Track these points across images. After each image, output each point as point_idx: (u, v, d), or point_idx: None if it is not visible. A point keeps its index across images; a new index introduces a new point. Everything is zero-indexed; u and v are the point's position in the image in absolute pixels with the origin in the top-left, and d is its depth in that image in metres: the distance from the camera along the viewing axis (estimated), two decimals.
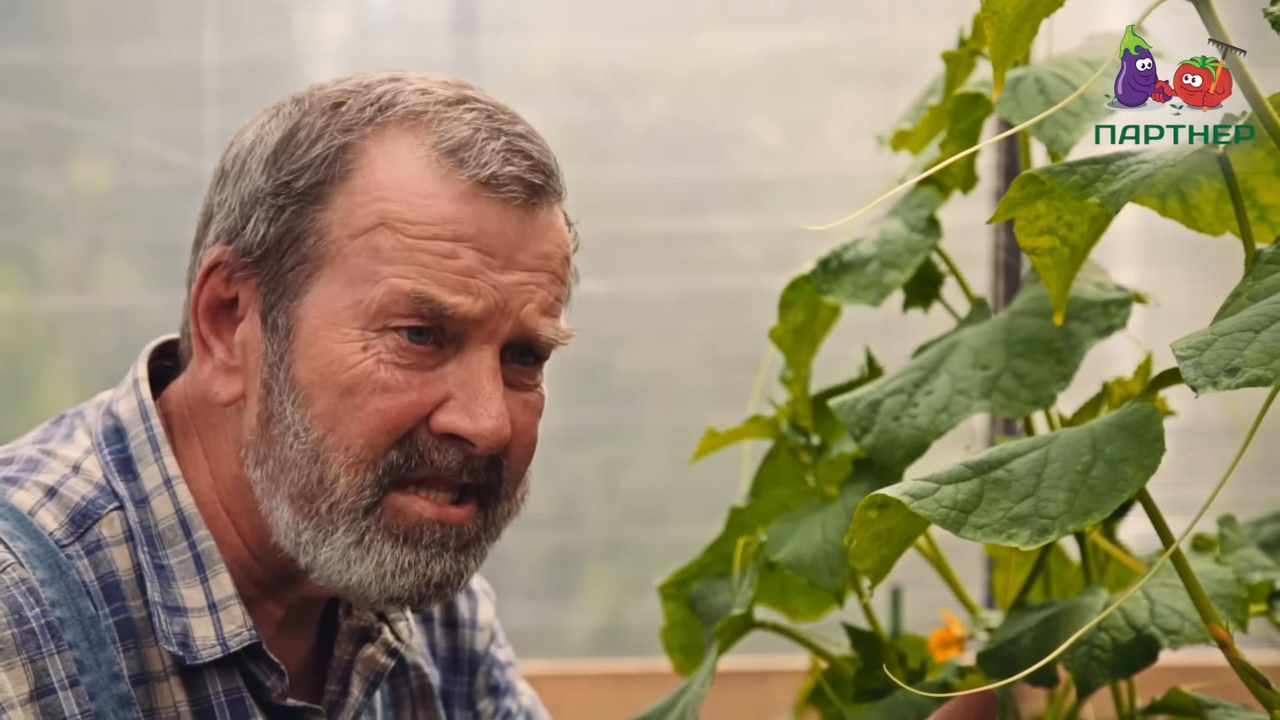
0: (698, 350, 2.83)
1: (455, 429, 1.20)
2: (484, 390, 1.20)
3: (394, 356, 1.19)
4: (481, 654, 1.47)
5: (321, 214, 1.21)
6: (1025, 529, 1.04)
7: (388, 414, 1.19)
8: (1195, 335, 0.99)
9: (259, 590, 1.27)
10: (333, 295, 1.20)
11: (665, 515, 2.76)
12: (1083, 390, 1.39)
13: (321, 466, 1.19)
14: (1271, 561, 1.39)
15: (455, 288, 1.19)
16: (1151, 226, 1.42)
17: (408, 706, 1.40)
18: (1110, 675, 1.23)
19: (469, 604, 1.48)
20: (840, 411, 1.36)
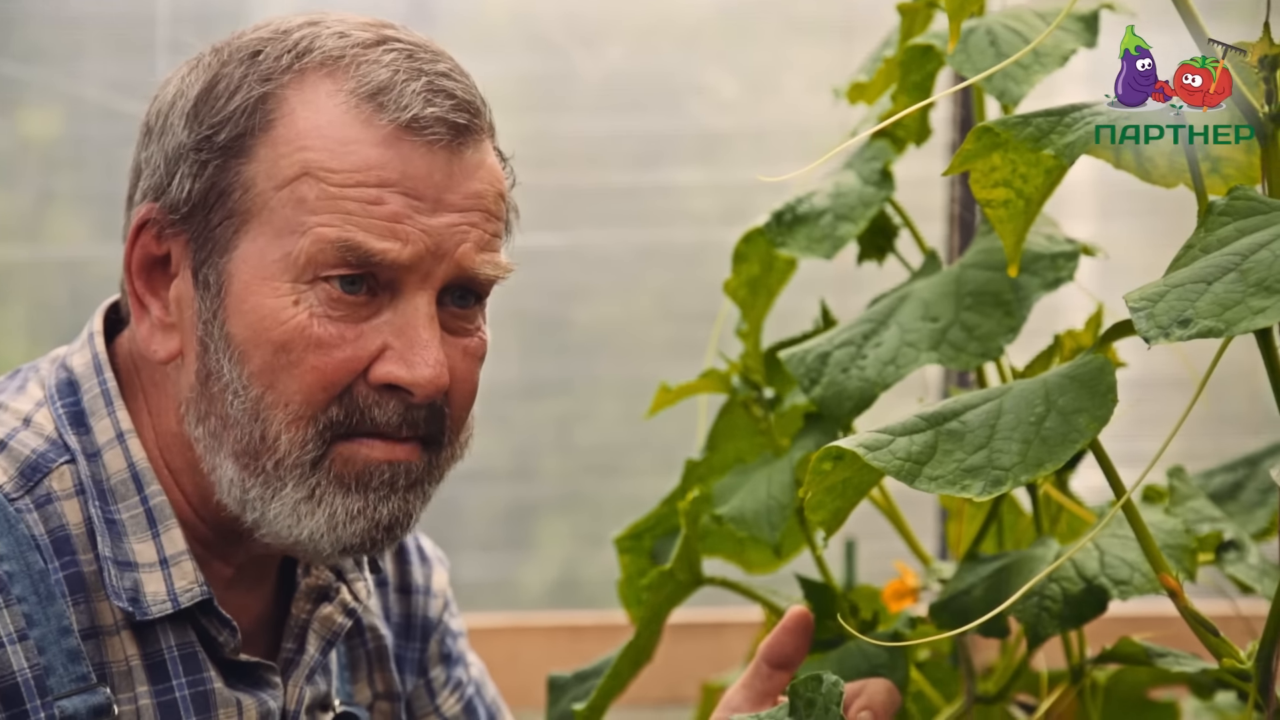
0: (654, 304, 2.83)
1: (393, 379, 1.19)
2: (420, 338, 1.19)
3: (326, 309, 1.18)
4: (435, 621, 1.47)
5: (245, 167, 1.20)
6: (979, 480, 1.04)
7: (324, 370, 1.18)
8: (1148, 287, 0.99)
9: (204, 548, 1.26)
10: (261, 249, 1.19)
11: (621, 468, 2.76)
12: (1036, 343, 1.40)
13: (263, 424, 1.19)
14: (1220, 513, 1.40)
15: (382, 234, 1.17)
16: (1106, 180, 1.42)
17: (364, 668, 1.40)
18: (1061, 626, 1.24)
19: (423, 570, 1.47)
20: (789, 363, 1.36)
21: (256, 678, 1.27)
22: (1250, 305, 0.93)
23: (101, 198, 2.69)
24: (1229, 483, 1.60)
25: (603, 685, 1.42)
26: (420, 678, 1.47)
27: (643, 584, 1.40)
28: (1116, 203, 2.67)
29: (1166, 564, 1.08)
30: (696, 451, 1.60)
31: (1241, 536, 1.38)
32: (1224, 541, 1.36)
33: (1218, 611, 1.59)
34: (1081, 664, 1.37)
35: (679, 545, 1.39)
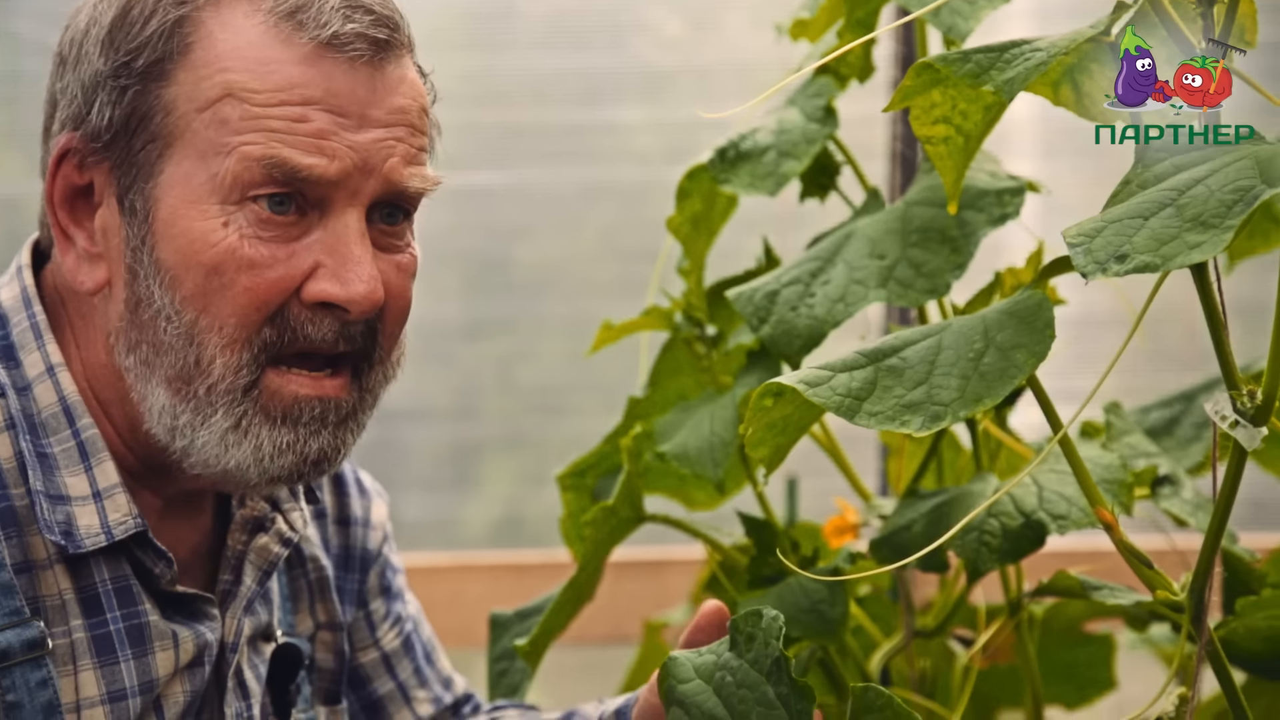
0: (598, 242, 2.82)
1: (327, 297, 1.18)
2: (353, 254, 1.19)
3: (256, 230, 1.17)
4: (374, 553, 1.47)
5: (165, 90, 1.19)
6: (918, 415, 1.04)
7: (257, 291, 1.18)
8: (1086, 222, 1.00)
9: (133, 479, 1.25)
10: (187, 172, 1.18)
11: (564, 407, 2.76)
12: (980, 282, 1.40)
13: (197, 349, 1.18)
14: (1156, 448, 1.42)
15: (308, 150, 1.17)
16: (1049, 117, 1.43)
17: (305, 598, 1.40)
18: (999, 560, 1.26)
19: (362, 503, 1.47)
20: (738, 302, 1.36)
21: (194, 610, 1.26)
22: (1186, 240, 0.94)
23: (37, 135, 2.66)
24: (1165, 418, 1.62)
25: (544, 622, 1.42)
26: (360, 610, 1.47)
27: (584, 521, 1.41)
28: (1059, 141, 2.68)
29: (1102, 498, 1.09)
30: (640, 389, 1.60)
31: (1176, 471, 1.39)
32: (1159, 476, 1.37)
33: (1153, 546, 1.61)
34: (1019, 598, 1.39)
35: (621, 482, 1.40)
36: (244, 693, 1.30)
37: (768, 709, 1.05)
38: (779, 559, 1.37)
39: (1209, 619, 1.10)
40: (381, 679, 1.49)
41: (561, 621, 1.46)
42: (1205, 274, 1.02)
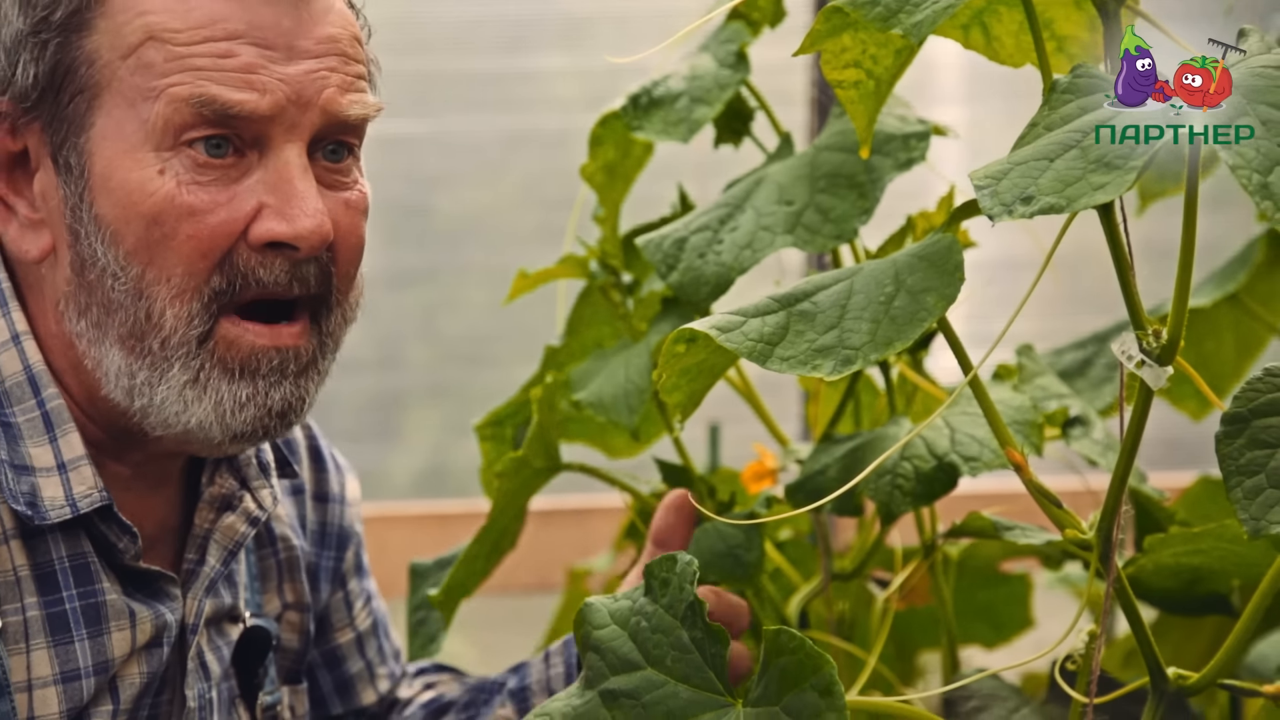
0: (519, 191, 2.81)
1: (273, 235, 1.15)
2: (296, 190, 1.16)
3: (194, 175, 1.15)
4: (350, 530, 1.45)
5: (87, 40, 1.16)
6: (829, 360, 1.05)
7: (200, 238, 1.15)
8: (992, 165, 1.00)
9: (97, 450, 1.22)
10: (118, 122, 1.16)
11: (487, 357, 2.76)
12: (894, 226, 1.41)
13: (147, 302, 1.15)
14: (1068, 389, 1.43)
15: (238, 85, 1.14)
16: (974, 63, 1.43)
17: (274, 578, 1.37)
18: (913, 502, 1.26)
19: (339, 478, 1.45)
20: (647, 249, 1.36)
21: (155, 588, 1.24)
22: (1091, 181, 0.94)
23: None
24: (1078, 360, 1.63)
25: (455, 572, 1.42)
26: (340, 589, 1.46)
27: (495, 471, 1.40)
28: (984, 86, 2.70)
29: (1012, 439, 1.10)
30: (558, 338, 1.60)
31: (1087, 412, 1.40)
32: (1070, 417, 1.39)
33: (1067, 486, 1.63)
34: (933, 540, 1.40)
35: (532, 431, 1.39)
36: (205, 674, 1.28)
37: (682, 653, 1.05)
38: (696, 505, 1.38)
39: (1119, 557, 1.11)
40: (354, 658, 1.48)
41: (478, 570, 1.46)
42: (1111, 215, 1.02)
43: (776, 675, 1.00)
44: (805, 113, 2.31)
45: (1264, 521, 0.95)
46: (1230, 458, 0.98)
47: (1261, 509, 0.96)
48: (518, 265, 1.56)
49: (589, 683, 1.07)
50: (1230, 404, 0.99)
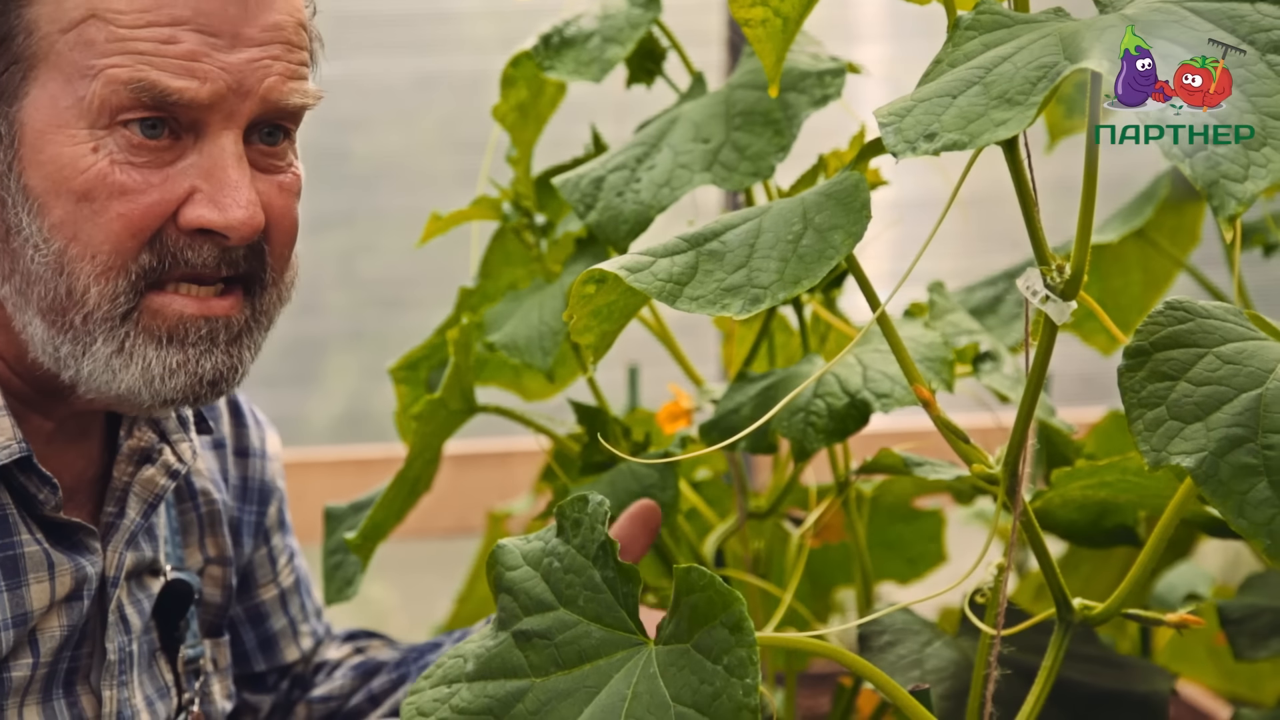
0: (435, 133, 2.79)
1: (204, 223, 1.14)
2: (230, 179, 1.15)
3: (127, 155, 1.13)
4: (272, 485, 1.45)
5: (26, 10, 1.14)
6: (738, 299, 1.05)
7: (130, 218, 1.14)
8: (896, 102, 1.00)
9: (21, 404, 1.21)
10: (53, 96, 1.14)
11: (406, 301, 2.74)
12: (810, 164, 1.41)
13: (69, 278, 1.14)
14: (978, 325, 1.44)
15: (178, 72, 1.13)
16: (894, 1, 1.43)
17: (195, 532, 1.37)
18: (825, 439, 1.27)
19: (258, 433, 1.45)
20: (564, 189, 1.35)
21: (75, 541, 1.22)
22: (993, 118, 0.95)
23: None
24: (990, 297, 1.64)
25: (372, 515, 1.42)
26: (264, 544, 1.45)
27: (412, 414, 1.40)
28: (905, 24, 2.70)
29: (920, 375, 1.11)
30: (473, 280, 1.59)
31: (998, 348, 1.41)
32: (980, 353, 1.40)
33: (980, 423, 1.65)
34: (846, 477, 1.41)
35: (448, 373, 1.39)
36: (125, 627, 1.27)
37: (594, 592, 1.06)
38: (610, 446, 1.38)
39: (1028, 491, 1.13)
40: (277, 615, 1.48)
41: (395, 514, 1.45)
42: (1015, 151, 1.03)
43: (687, 613, 1.00)
44: (721, 52, 2.30)
45: (1165, 453, 0.96)
46: (1132, 390, 0.99)
47: (1162, 440, 0.97)
48: (435, 208, 1.55)
49: (502, 624, 1.08)
50: (1132, 338, 1.00)
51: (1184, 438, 0.96)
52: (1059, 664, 1.09)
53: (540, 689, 1.04)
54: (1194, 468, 0.95)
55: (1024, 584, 1.90)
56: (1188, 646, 2.00)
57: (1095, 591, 1.19)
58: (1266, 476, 0.94)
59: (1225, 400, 0.97)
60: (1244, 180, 0.92)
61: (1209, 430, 0.96)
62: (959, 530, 1.97)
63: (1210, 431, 0.96)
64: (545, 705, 1.04)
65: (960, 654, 1.33)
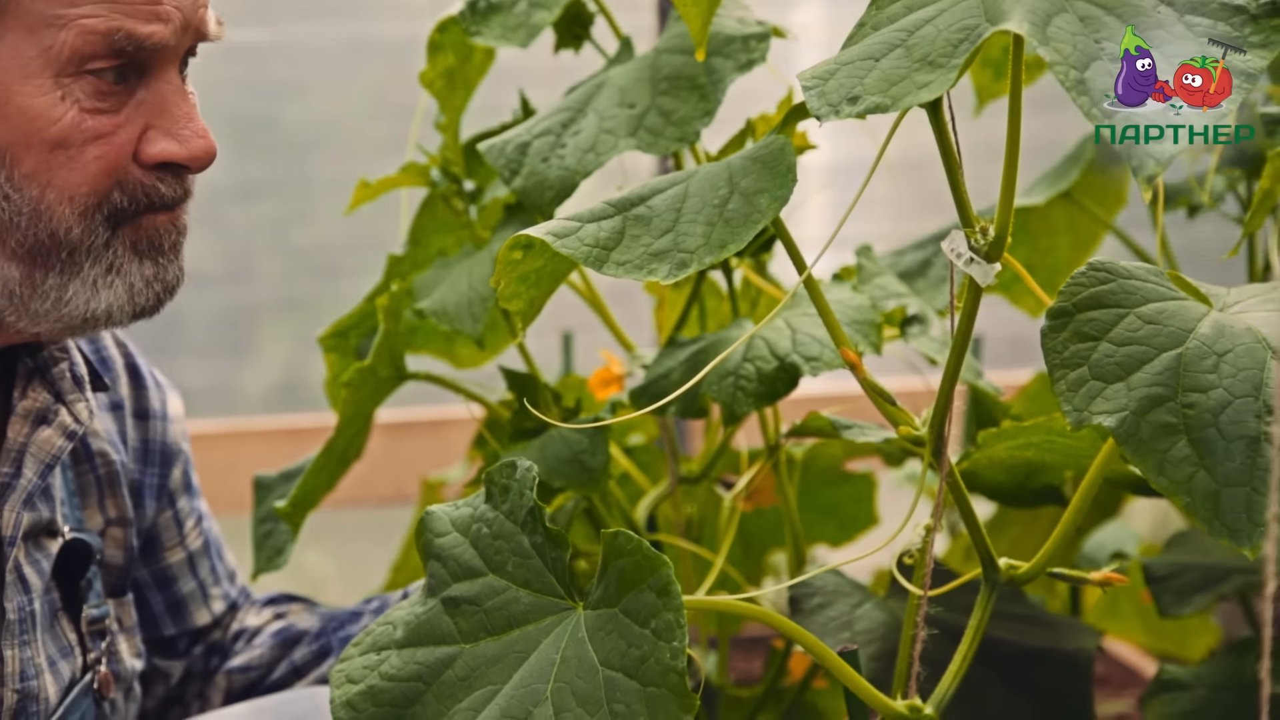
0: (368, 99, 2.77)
1: (168, 157, 1.18)
2: (183, 112, 1.19)
3: (94, 101, 1.16)
4: (175, 447, 1.44)
5: None
6: (665, 263, 1.05)
7: (108, 159, 1.17)
8: (820, 65, 1.00)
9: None
10: (13, 46, 1.14)
11: (339, 269, 2.73)
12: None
13: (49, 223, 1.16)
14: (906, 288, 1.45)
15: (147, 18, 1.16)
16: None
17: (94, 493, 1.36)
18: (755, 403, 1.28)
19: (159, 395, 1.44)
20: (489, 155, 1.34)
21: None
22: (915, 80, 0.95)
23: None
24: (919, 260, 1.65)
25: (303, 483, 1.41)
26: (169, 507, 1.44)
27: (342, 381, 1.39)
28: None
29: (846, 338, 1.11)
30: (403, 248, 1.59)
31: (925, 311, 1.42)
32: (908, 316, 1.40)
33: (910, 387, 1.66)
34: (777, 440, 1.41)
35: (378, 341, 1.39)
36: (24, 587, 1.27)
37: (523, 558, 1.06)
38: (540, 412, 1.38)
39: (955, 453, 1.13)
40: (185, 578, 1.47)
41: (325, 482, 1.45)
42: (939, 114, 1.03)
43: (615, 577, 1.00)
44: (651, 17, 2.29)
45: (1086, 413, 0.97)
46: (1055, 351, 1.00)
47: (1084, 400, 0.98)
48: (368, 175, 1.55)
49: (431, 590, 1.08)
50: (1055, 299, 1.01)
51: (1105, 397, 0.97)
52: (985, 623, 1.10)
53: (469, 655, 1.05)
54: (1115, 427, 0.96)
55: (955, 545, 1.92)
56: (1116, 605, 2.02)
57: (1024, 551, 1.20)
58: (1186, 435, 0.95)
59: (1146, 360, 0.98)
60: (1162, 140, 0.93)
61: (1130, 390, 0.97)
62: (891, 493, 1.98)
63: (1131, 391, 0.97)
64: (474, 671, 1.04)
65: (890, 615, 1.34)
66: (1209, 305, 1.03)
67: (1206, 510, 0.94)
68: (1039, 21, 0.93)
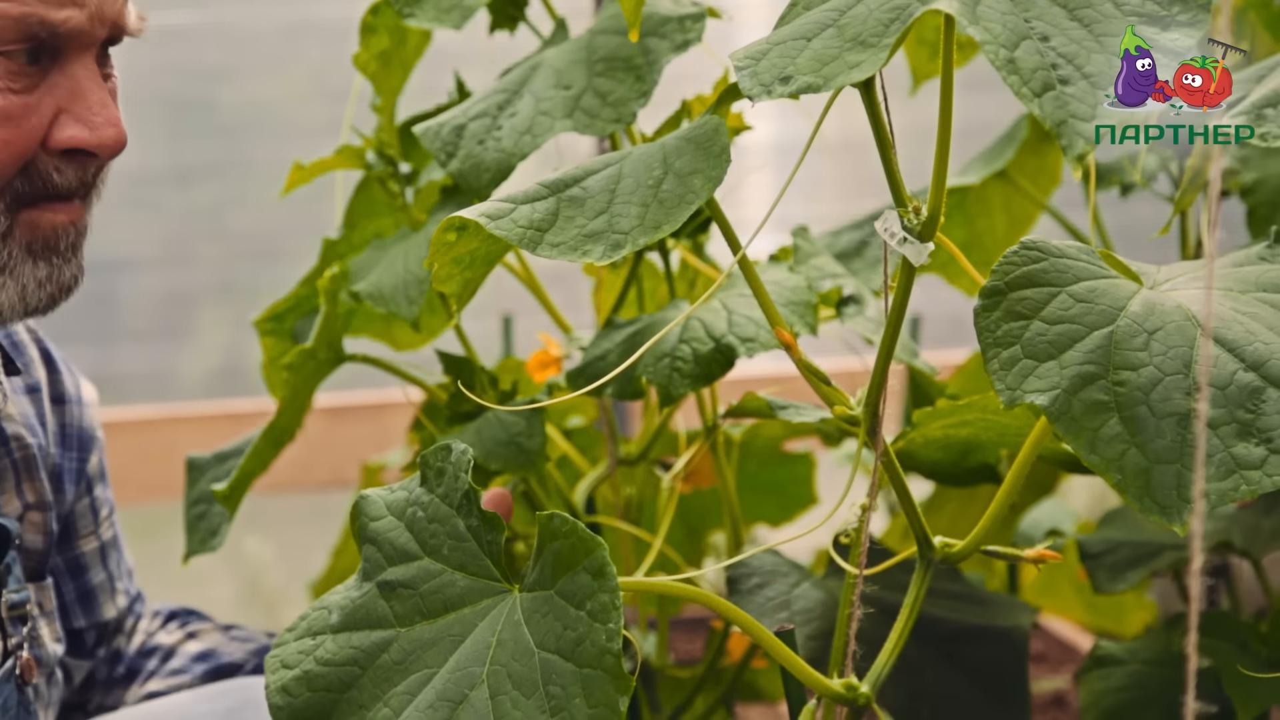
0: (306, 81, 2.75)
1: (77, 143, 1.18)
2: (96, 99, 1.19)
3: (7, 82, 1.16)
4: (91, 433, 1.43)
5: None
6: (599, 245, 1.05)
7: (14, 143, 1.17)
8: (752, 45, 1.00)
9: None
10: None
11: (279, 253, 2.71)
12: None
13: None
14: (842, 269, 1.45)
15: (61, 3, 1.16)
16: None
17: (10, 478, 1.35)
18: (691, 384, 1.27)
19: (73, 380, 1.43)
20: (424, 137, 1.34)
21: None
22: (846, 60, 0.95)
23: None
24: (855, 241, 1.65)
25: (243, 465, 1.40)
26: (87, 494, 1.43)
27: (283, 364, 1.39)
28: None
29: (781, 319, 1.11)
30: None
31: (861, 291, 1.42)
32: (844, 296, 1.41)
33: (849, 367, 1.66)
34: (714, 421, 1.41)
35: (319, 323, 1.38)
36: None
37: (458, 541, 1.05)
38: (477, 395, 1.38)
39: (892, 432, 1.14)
40: (97, 568, 1.46)
41: (261, 464, 1.44)
42: (872, 93, 1.03)
43: (550, 559, 1.00)
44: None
45: (1019, 391, 0.98)
46: (988, 330, 1.00)
47: (1017, 379, 0.98)
48: (307, 158, 1.54)
49: (366, 574, 1.07)
50: (988, 278, 1.01)
51: (1038, 376, 0.98)
52: (920, 601, 1.11)
53: (405, 639, 1.04)
54: (1048, 405, 0.96)
55: (894, 524, 1.92)
56: (1054, 582, 2.04)
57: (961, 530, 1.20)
58: (1117, 413, 0.96)
59: (1078, 338, 0.99)
60: (1091, 119, 0.94)
61: (1062, 368, 0.97)
62: (831, 473, 1.98)
63: (1063, 369, 0.97)
64: (410, 655, 1.03)
65: (827, 594, 1.34)
66: (1139, 283, 1.04)
67: (1137, 488, 0.94)
68: (969, 1, 0.93)
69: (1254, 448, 0.93)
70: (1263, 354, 0.96)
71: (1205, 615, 1.44)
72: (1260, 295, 1.05)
